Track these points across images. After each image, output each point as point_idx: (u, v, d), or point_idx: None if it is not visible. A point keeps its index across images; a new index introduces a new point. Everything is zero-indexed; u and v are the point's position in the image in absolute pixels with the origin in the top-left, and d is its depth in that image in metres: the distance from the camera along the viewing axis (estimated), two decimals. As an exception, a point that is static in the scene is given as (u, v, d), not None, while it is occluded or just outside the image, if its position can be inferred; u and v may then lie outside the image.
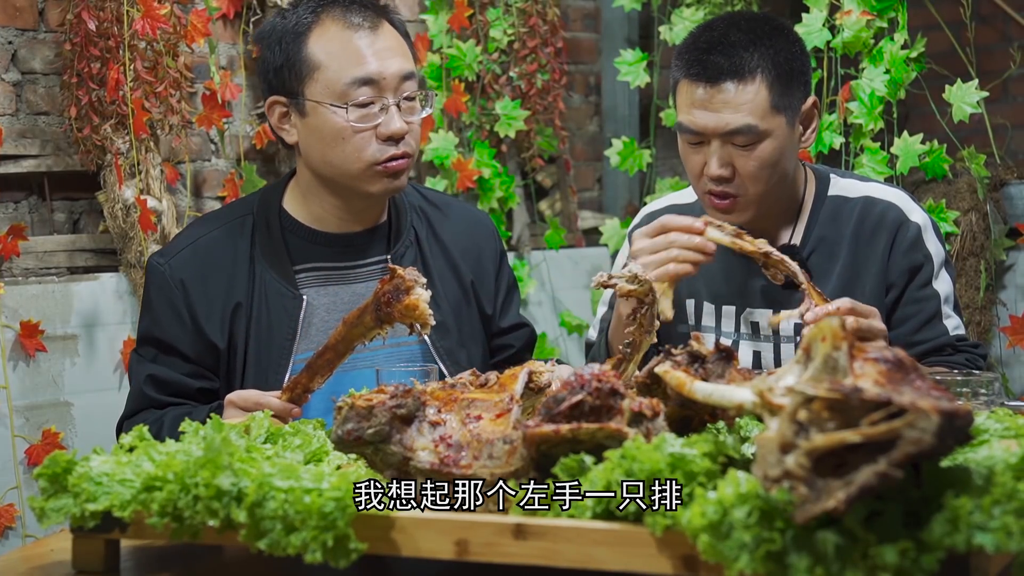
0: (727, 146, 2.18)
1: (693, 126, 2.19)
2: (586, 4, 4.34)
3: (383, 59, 2.13)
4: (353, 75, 2.11)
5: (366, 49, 2.13)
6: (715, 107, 2.16)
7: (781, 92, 2.19)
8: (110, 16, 2.83)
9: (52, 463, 1.43)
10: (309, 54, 2.14)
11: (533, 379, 1.55)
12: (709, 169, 2.19)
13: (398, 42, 2.19)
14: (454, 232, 2.34)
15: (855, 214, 2.30)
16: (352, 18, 2.15)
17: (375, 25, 2.16)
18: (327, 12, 2.16)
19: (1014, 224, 3.75)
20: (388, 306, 1.88)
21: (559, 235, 3.99)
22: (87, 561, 1.45)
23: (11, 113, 2.92)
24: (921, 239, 2.28)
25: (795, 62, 2.22)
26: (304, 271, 2.20)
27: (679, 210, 2.45)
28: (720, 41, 2.18)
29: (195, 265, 2.18)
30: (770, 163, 2.19)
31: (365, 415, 1.44)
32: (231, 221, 2.23)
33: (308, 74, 2.13)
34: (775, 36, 2.21)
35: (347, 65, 2.12)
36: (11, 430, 2.76)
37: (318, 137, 2.14)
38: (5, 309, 2.79)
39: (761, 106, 2.16)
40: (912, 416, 1.07)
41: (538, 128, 3.91)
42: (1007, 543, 1.08)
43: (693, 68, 2.18)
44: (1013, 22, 4.18)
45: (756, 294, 2.33)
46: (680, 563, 1.20)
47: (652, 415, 1.36)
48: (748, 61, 2.16)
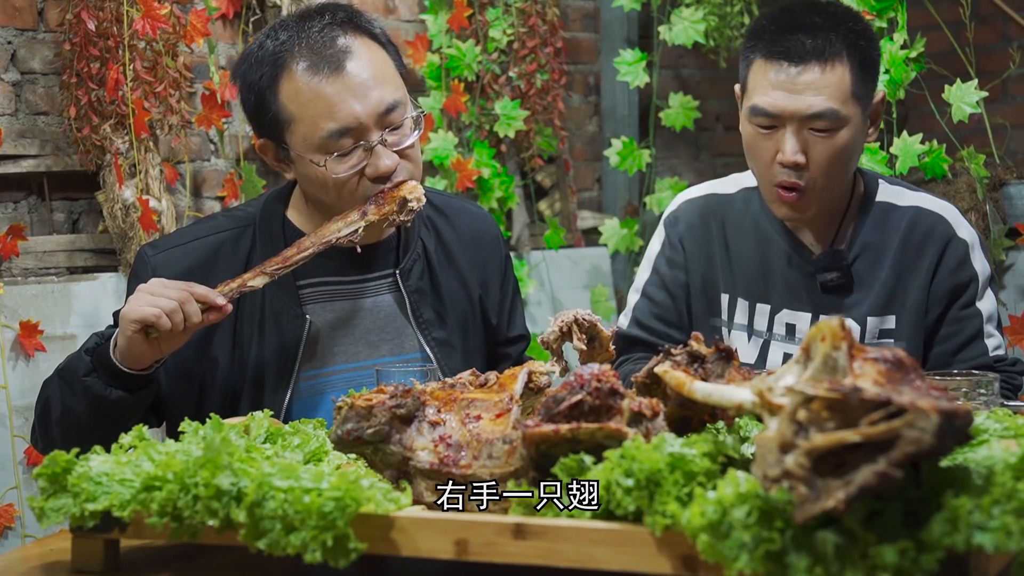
0: (803, 131, 2.11)
1: (772, 108, 2.11)
2: (586, 4, 4.34)
3: (357, 100, 1.97)
4: (328, 128, 1.97)
5: (336, 96, 1.97)
6: (798, 89, 2.09)
7: (861, 79, 2.13)
8: (110, 16, 2.83)
9: (52, 463, 1.43)
10: (281, 106, 2.01)
11: (533, 379, 1.55)
12: (784, 155, 2.11)
13: (373, 67, 2.01)
14: (461, 241, 2.26)
15: (904, 223, 2.25)
16: (316, 60, 1.98)
17: (340, 62, 1.98)
18: (292, 56, 2.00)
19: (1013, 224, 3.75)
20: (381, 193, 1.94)
21: (558, 235, 3.99)
22: (87, 561, 1.45)
23: (10, 113, 2.92)
24: (968, 257, 2.24)
25: (873, 51, 2.17)
26: (309, 286, 2.11)
27: (719, 200, 2.39)
28: (803, 21, 2.11)
29: (180, 266, 2.06)
30: (845, 154, 2.13)
31: (365, 415, 1.44)
32: (231, 231, 2.12)
33: (285, 126, 2.01)
34: (856, 22, 2.16)
35: (319, 117, 1.98)
36: (10, 430, 2.76)
37: (309, 183, 2.05)
38: (5, 309, 2.79)
39: (844, 91, 2.10)
40: (911, 416, 1.07)
41: (537, 128, 3.91)
42: (1006, 543, 1.08)
43: (776, 47, 2.10)
44: (1012, 22, 4.18)
45: (795, 296, 2.28)
46: (680, 563, 1.20)
47: (652, 415, 1.36)
48: (834, 43, 2.09)
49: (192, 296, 1.88)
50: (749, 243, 2.32)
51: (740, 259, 2.33)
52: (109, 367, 1.92)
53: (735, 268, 2.33)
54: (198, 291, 1.89)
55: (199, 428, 1.59)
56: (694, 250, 2.38)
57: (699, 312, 2.37)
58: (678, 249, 2.40)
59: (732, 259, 2.34)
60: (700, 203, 2.40)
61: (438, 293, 2.18)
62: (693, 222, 2.39)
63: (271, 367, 2.08)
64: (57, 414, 1.98)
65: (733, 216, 2.36)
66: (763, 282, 2.31)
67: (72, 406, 1.95)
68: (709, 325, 2.33)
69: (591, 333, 1.66)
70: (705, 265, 2.37)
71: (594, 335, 1.66)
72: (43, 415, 2.02)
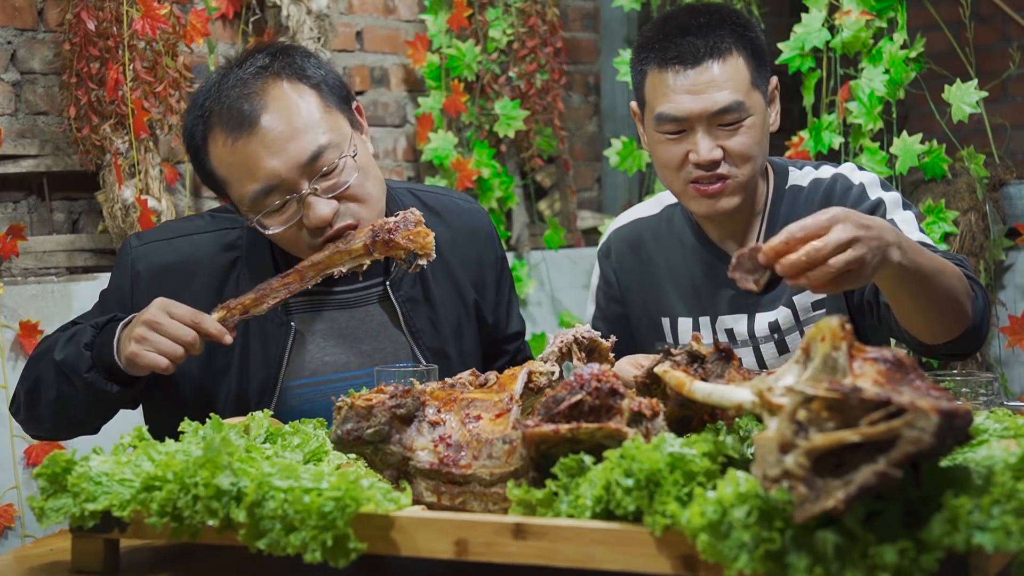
0: (713, 128, 2.12)
1: (679, 112, 2.12)
2: (585, 4, 4.34)
3: (273, 156, 1.91)
4: (252, 190, 1.93)
5: (253, 155, 1.92)
6: (701, 88, 2.11)
7: (756, 68, 2.16)
8: (109, 16, 2.83)
9: (51, 463, 1.43)
10: (214, 169, 1.99)
11: (533, 379, 1.55)
12: (698, 155, 2.12)
13: (291, 116, 1.93)
14: (455, 240, 2.20)
15: (806, 198, 2.25)
16: (232, 121, 1.93)
17: (255, 118, 1.92)
18: (214, 117, 1.96)
19: (1013, 224, 3.75)
20: (391, 232, 1.83)
21: (558, 235, 4.00)
22: (86, 561, 1.45)
23: (10, 113, 2.92)
24: (865, 192, 2.21)
25: (760, 40, 2.19)
26: (295, 295, 2.03)
27: (644, 225, 2.40)
28: (689, 25, 2.14)
29: (159, 262, 2.06)
30: (756, 140, 2.15)
31: (364, 415, 1.44)
32: (216, 232, 2.10)
33: (223, 188, 2.00)
34: (736, 16, 2.19)
35: (243, 179, 1.93)
36: (10, 430, 2.76)
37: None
38: (5, 309, 2.79)
39: (744, 82, 2.13)
40: (911, 416, 1.07)
41: (537, 128, 3.91)
42: (1006, 543, 1.08)
43: (669, 53, 2.13)
44: (1012, 22, 4.18)
45: (725, 301, 2.28)
46: (679, 563, 1.20)
47: (651, 415, 1.36)
48: (723, 38, 2.12)
49: (201, 337, 1.86)
50: (677, 260, 2.34)
51: (673, 278, 2.33)
52: (111, 367, 1.92)
53: (671, 288, 2.34)
54: (209, 329, 1.86)
55: (199, 428, 1.59)
56: (627, 281, 2.40)
57: (644, 339, 2.38)
58: (612, 283, 2.43)
59: (665, 280, 2.35)
60: (628, 231, 2.43)
61: (430, 301, 2.15)
62: (623, 252, 2.42)
63: (254, 374, 2.05)
64: (50, 396, 1.99)
65: (660, 237, 2.38)
66: (697, 295, 2.31)
67: (69, 394, 1.97)
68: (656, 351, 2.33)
69: (591, 348, 1.66)
70: (640, 294, 2.39)
71: (594, 348, 1.66)
72: (32, 394, 2.02)
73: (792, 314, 2.23)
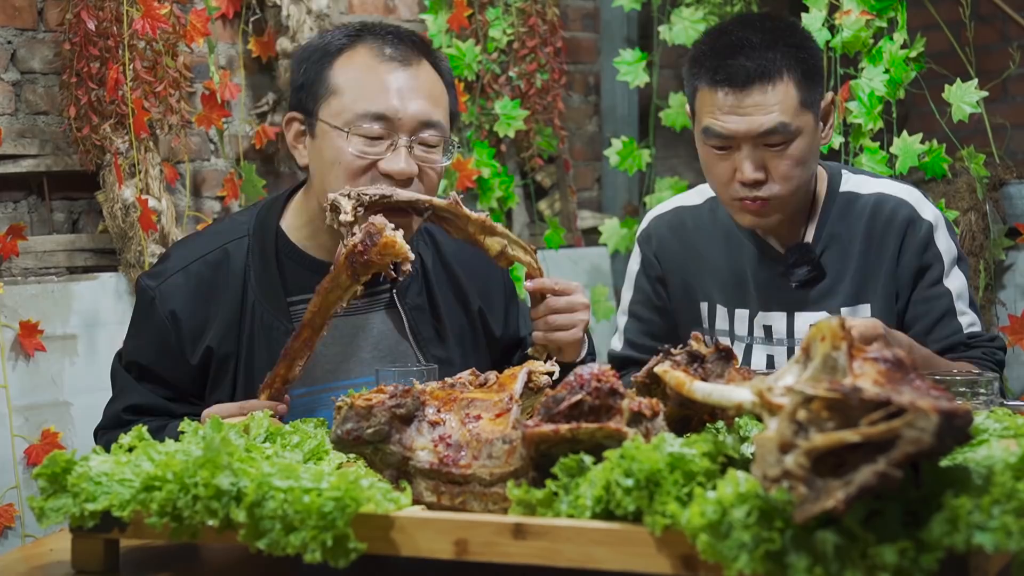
0: (759, 148, 2.14)
1: (724, 131, 2.14)
2: (585, 4, 4.34)
3: (404, 98, 2.02)
4: (366, 108, 2.01)
5: (390, 84, 2.03)
6: (746, 111, 2.12)
7: (808, 88, 2.15)
8: (109, 16, 2.83)
9: (51, 463, 1.43)
10: (332, 76, 2.05)
11: (532, 379, 1.55)
12: (743, 174, 2.14)
13: (431, 85, 2.07)
14: (463, 252, 2.21)
15: (867, 211, 2.27)
16: (386, 49, 2.05)
17: (408, 62, 2.05)
18: (363, 39, 2.07)
19: (1013, 224, 3.75)
20: (363, 255, 1.81)
21: (558, 235, 3.99)
22: (86, 561, 1.45)
23: (10, 113, 2.92)
24: (932, 238, 2.25)
25: (814, 58, 2.19)
26: (300, 302, 2.07)
27: (687, 213, 2.42)
28: (741, 44, 2.13)
29: (186, 293, 2.06)
30: (802, 161, 2.16)
31: (364, 415, 1.44)
32: (227, 243, 2.11)
33: (325, 96, 2.04)
34: (793, 34, 2.18)
35: (364, 96, 2.02)
36: (10, 430, 2.76)
37: (321, 160, 2.04)
38: (4, 309, 2.78)
39: (792, 104, 2.13)
40: (911, 416, 1.07)
41: (537, 128, 3.91)
42: (1006, 543, 1.08)
43: (719, 74, 2.13)
44: (1012, 22, 4.18)
45: (769, 298, 2.30)
46: (679, 563, 1.20)
47: (651, 415, 1.36)
48: (773, 61, 2.12)
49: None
50: (720, 251, 2.35)
51: (713, 267, 2.35)
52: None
53: (710, 276, 2.36)
54: (255, 407, 1.85)
55: (199, 428, 1.59)
56: (669, 263, 2.41)
57: (683, 322, 2.39)
58: (654, 264, 2.44)
59: (706, 268, 2.37)
60: (669, 217, 2.44)
61: (436, 310, 2.16)
62: (665, 236, 2.43)
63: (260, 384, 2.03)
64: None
65: (702, 226, 2.39)
66: (738, 288, 2.33)
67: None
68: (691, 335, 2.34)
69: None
70: (682, 276, 2.40)
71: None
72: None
73: None
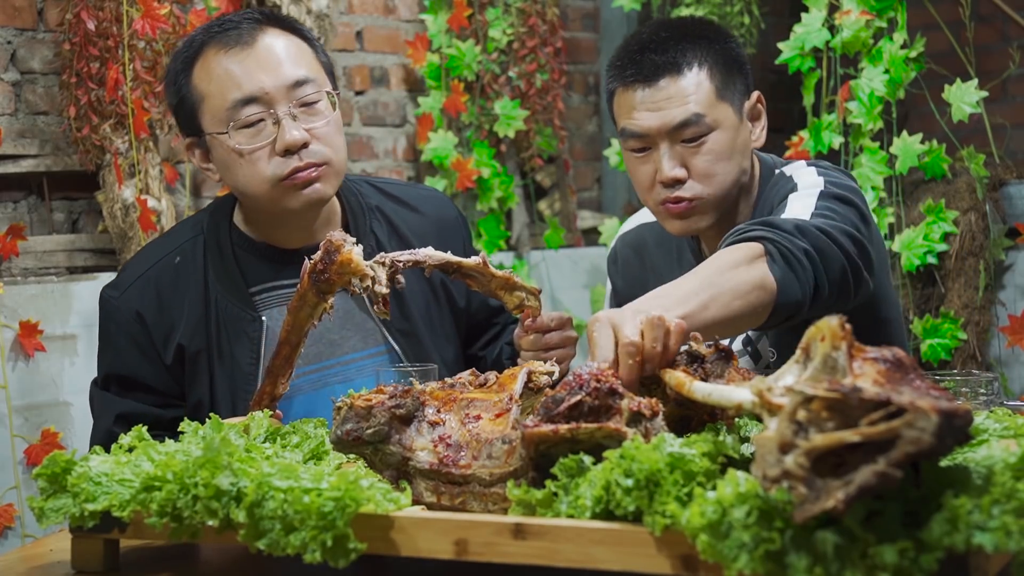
0: (676, 145, 2.08)
1: (639, 128, 2.09)
2: (585, 4, 4.34)
3: (263, 72, 2.02)
4: (232, 97, 2.02)
5: (243, 68, 2.03)
6: (658, 105, 2.07)
7: (724, 80, 2.09)
8: (109, 16, 2.83)
9: (51, 463, 1.43)
10: (194, 88, 2.06)
11: (532, 379, 1.54)
12: (662, 173, 2.08)
13: (287, 49, 2.07)
14: (418, 227, 2.23)
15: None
16: (227, 40, 2.05)
17: (251, 39, 2.05)
18: (205, 42, 2.07)
19: (1013, 224, 3.75)
20: (324, 272, 1.81)
21: (558, 235, 3.99)
22: (86, 561, 1.45)
23: (10, 113, 2.92)
24: (787, 176, 2.11)
25: (732, 53, 2.13)
26: (261, 292, 2.11)
27: (647, 230, 2.38)
28: (650, 40, 2.11)
29: (149, 296, 2.09)
30: (723, 157, 2.08)
31: (364, 415, 1.44)
32: (181, 244, 2.14)
33: (198, 108, 2.06)
34: (706, 29, 2.15)
35: (225, 89, 2.03)
36: (10, 430, 2.76)
37: (223, 168, 2.07)
38: (4, 309, 2.78)
39: (705, 95, 2.07)
40: (911, 416, 1.07)
41: (537, 128, 3.91)
42: (1006, 543, 1.08)
43: (628, 71, 2.10)
44: (1012, 22, 4.18)
45: None
46: (679, 563, 1.20)
47: (651, 415, 1.36)
48: (683, 52, 2.08)
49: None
50: (672, 265, 2.32)
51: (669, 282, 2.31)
52: None
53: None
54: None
55: (199, 428, 1.59)
56: (631, 286, 2.40)
57: None
58: (619, 290, 2.44)
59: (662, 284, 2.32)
60: (632, 236, 2.42)
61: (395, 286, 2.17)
62: (628, 258, 2.42)
63: (236, 375, 2.07)
64: None
65: (659, 242, 2.36)
66: None
67: None
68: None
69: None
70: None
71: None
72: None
73: None
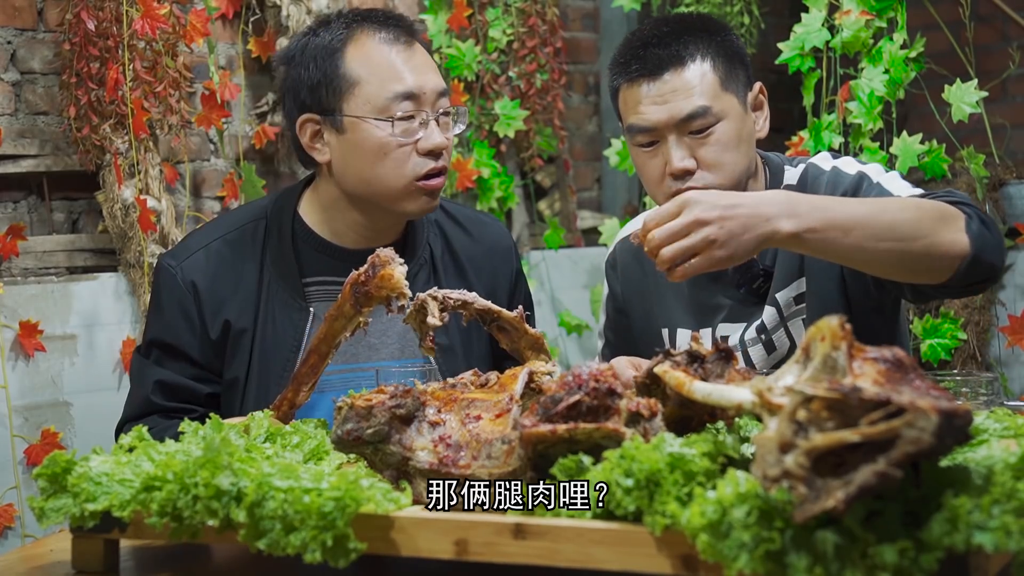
0: (684, 137, 2.10)
1: (645, 123, 2.11)
2: (585, 4, 4.34)
3: (421, 74, 2.13)
4: (394, 90, 2.10)
5: (404, 64, 2.13)
6: (664, 98, 2.09)
7: (727, 71, 2.12)
8: (109, 16, 2.83)
9: (51, 463, 1.43)
10: (347, 70, 2.12)
11: (533, 379, 1.55)
12: (671, 165, 2.09)
13: (431, 60, 2.20)
14: (470, 250, 2.32)
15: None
16: (387, 34, 2.14)
17: (407, 40, 2.16)
18: (361, 28, 2.15)
19: (1013, 224, 3.75)
20: (364, 284, 1.83)
21: (558, 235, 3.99)
22: (87, 561, 1.45)
23: (10, 113, 2.92)
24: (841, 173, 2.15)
25: (732, 45, 2.16)
26: (314, 284, 2.18)
27: None
28: (652, 35, 2.13)
29: (207, 270, 2.16)
30: (731, 146, 2.10)
31: (364, 415, 1.44)
32: (244, 225, 2.21)
33: (347, 90, 2.11)
34: (706, 23, 2.17)
35: (387, 80, 2.11)
36: (10, 430, 2.76)
37: (359, 154, 2.12)
38: (4, 309, 2.78)
39: (710, 86, 2.10)
40: (911, 415, 1.07)
41: (537, 128, 3.91)
42: (1006, 542, 1.08)
43: (632, 66, 2.12)
44: (1012, 22, 4.18)
45: (724, 311, 2.27)
46: (679, 563, 1.20)
47: (649, 415, 1.36)
48: (685, 45, 2.10)
49: None
50: None
51: (674, 288, 2.32)
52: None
53: (671, 299, 2.33)
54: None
55: (199, 428, 1.59)
56: (630, 291, 2.40)
57: (645, 351, 2.36)
58: (617, 296, 2.44)
59: (667, 291, 2.33)
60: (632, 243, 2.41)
61: None
62: (627, 263, 2.41)
63: (274, 360, 2.13)
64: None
65: None
66: (696, 306, 2.30)
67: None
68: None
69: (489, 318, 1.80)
70: (642, 304, 2.38)
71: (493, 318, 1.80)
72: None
73: (777, 312, 2.21)
